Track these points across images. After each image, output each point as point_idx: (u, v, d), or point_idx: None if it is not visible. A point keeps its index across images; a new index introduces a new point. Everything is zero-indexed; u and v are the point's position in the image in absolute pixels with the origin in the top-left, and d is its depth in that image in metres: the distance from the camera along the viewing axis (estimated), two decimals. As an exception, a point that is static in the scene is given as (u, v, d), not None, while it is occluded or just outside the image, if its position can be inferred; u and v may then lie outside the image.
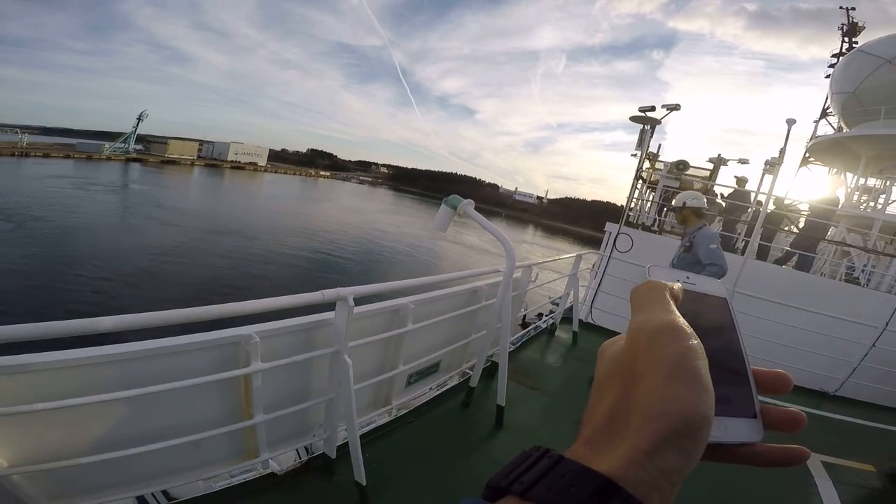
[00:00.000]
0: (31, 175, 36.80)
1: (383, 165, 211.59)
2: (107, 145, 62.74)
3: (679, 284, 0.37)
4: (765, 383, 0.35)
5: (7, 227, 19.67)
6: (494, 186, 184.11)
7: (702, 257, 3.81)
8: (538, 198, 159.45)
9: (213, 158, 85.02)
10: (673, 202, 4.15)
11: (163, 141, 76.67)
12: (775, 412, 0.33)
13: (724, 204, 8.27)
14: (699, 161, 8.98)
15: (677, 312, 0.32)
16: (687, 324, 0.31)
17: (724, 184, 8.65)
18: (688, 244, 4.00)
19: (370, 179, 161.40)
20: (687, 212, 4.06)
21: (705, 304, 0.38)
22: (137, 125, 62.49)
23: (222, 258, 19.60)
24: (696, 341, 0.30)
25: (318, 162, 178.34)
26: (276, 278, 17.84)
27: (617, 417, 0.29)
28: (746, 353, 0.35)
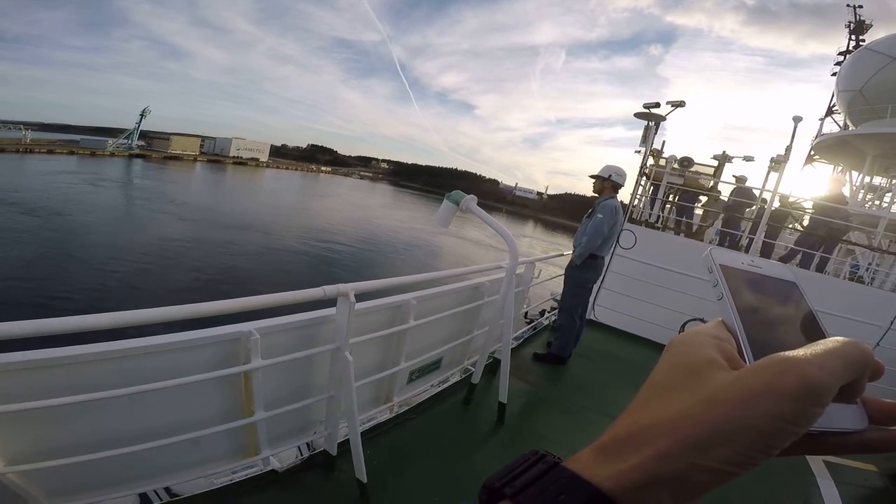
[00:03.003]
0: (41, 171, 36.90)
1: (384, 161, 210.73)
2: (110, 141, 62.70)
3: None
4: None
5: (35, 221, 20.02)
6: (495, 182, 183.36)
7: (588, 226, 4.09)
8: (538, 193, 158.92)
9: (214, 154, 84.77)
10: (599, 172, 4.26)
11: (165, 137, 76.57)
12: (875, 403, 0.30)
13: (726, 200, 8.23)
14: (700, 157, 8.91)
15: (836, 379, 0.26)
16: (833, 393, 0.26)
17: (727, 181, 8.59)
18: (591, 210, 4.22)
19: (371, 175, 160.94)
20: (608, 183, 4.18)
21: (776, 288, 0.35)
22: (140, 121, 62.42)
23: (234, 253, 19.77)
24: (819, 411, 0.26)
25: (318, 157, 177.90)
26: (277, 274, 17.89)
27: (647, 428, 0.27)
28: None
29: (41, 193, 26.25)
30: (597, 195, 4.27)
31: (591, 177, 4.28)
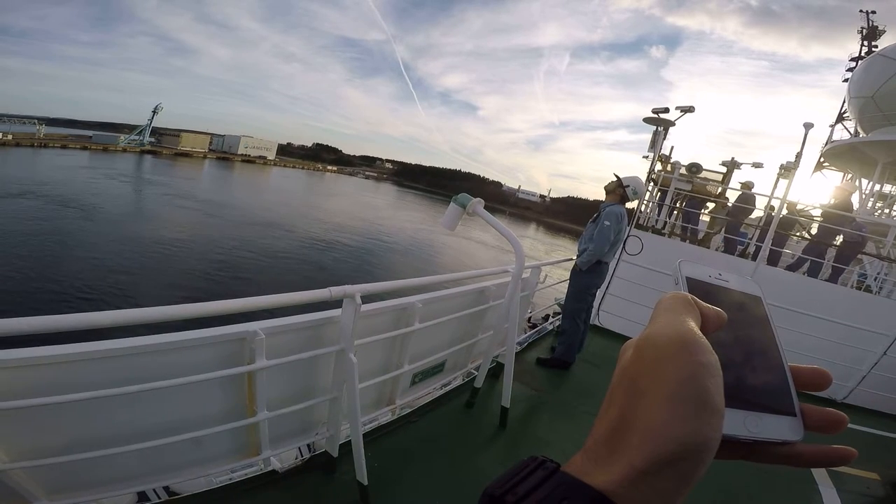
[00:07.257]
0: (59, 166, 37.57)
1: (388, 161, 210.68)
2: (122, 137, 63.62)
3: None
4: (802, 380, 0.34)
5: (76, 213, 20.90)
6: (498, 184, 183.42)
7: (594, 232, 4.07)
8: (541, 196, 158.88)
9: (223, 151, 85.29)
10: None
11: (175, 134, 76.91)
12: (815, 412, 0.33)
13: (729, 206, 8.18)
14: (705, 163, 8.86)
15: (695, 325, 0.30)
16: (703, 337, 0.29)
17: (733, 188, 8.52)
18: (596, 215, 4.21)
19: (375, 175, 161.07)
20: (620, 191, 4.18)
21: (738, 301, 0.37)
22: (152, 118, 62.96)
23: (253, 250, 20.21)
24: (709, 357, 0.29)
25: (323, 156, 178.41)
26: (283, 274, 18.04)
27: (618, 431, 0.29)
28: (783, 351, 0.34)
29: (69, 187, 27.17)
30: (603, 198, 4.24)
31: (616, 176, 4.22)
